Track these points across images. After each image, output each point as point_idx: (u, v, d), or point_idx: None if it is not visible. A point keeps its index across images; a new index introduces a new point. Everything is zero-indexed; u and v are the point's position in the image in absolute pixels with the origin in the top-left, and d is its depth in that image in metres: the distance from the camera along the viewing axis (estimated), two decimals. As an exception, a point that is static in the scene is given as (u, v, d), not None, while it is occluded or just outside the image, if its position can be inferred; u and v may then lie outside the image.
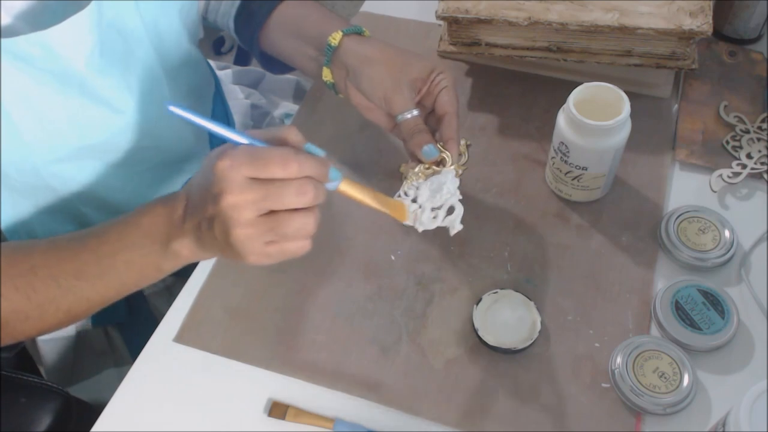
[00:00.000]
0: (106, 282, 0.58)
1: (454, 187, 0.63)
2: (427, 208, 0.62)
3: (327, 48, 0.70)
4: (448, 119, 0.66)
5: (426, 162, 0.65)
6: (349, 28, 0.70)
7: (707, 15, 0.75)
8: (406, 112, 0.65)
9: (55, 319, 0.59)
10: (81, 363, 0.86)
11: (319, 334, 0.69)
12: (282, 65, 0.82)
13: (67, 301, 0.58)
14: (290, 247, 0.52)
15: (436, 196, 0.63)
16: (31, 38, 0.57)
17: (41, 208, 0.72)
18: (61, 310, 0.58)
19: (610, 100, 0.69)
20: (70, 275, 0.57)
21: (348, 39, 0.69)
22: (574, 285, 0.70)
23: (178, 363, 0.68)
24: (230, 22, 0.82)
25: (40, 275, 0.57)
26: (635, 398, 0.61)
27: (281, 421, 0.64)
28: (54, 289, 0.57)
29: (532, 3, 0.78)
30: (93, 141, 0.69)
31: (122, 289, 0.59)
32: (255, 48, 0.80)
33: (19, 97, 0.61)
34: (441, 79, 0.67)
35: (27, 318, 0.58)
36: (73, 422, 0.74)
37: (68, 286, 0.57)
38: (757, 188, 0.77)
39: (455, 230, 0.63)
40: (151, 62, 0.71)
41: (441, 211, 0.63)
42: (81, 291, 0.58)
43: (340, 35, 0.69)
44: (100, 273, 0.57)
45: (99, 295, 0.59)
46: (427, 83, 0.67)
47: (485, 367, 0.66)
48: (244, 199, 0.49)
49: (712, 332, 0.65)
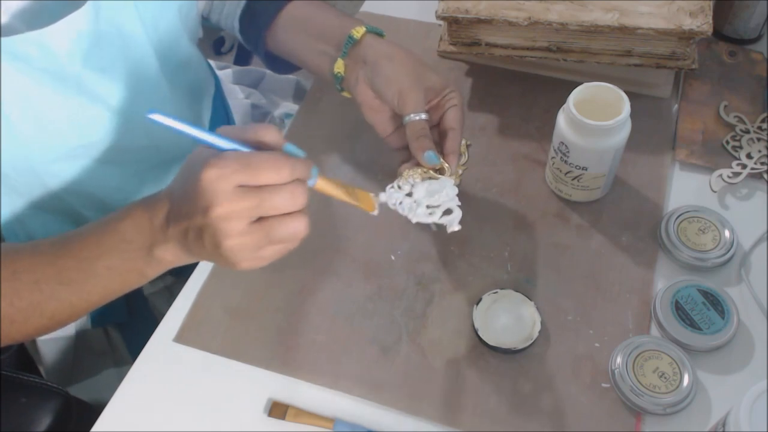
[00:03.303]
0: (88, 287, 0.56)
1: (453, 194, 0.64)
2: (423, 203, 0.63)
3: (348, 40, 0.69)
4: (453, 135, 0.66)
5: (426, 166, 0.65)
6: (372, 27, 0.70)
7: (707, 15, 0.75)
8: (417, 113, 0.65)
9: (39, 323, 0.58)
10: (81, 363, 0.86)
11: (319, 334, 0.69)
12: (287, 65, 0.82)
13: (51, 306, 0.57)
14: (282, 249, 0.52)
15: (434, 196, 0.63)
16: (27, 37, 0.57)
17: (39, 208, 0.72)
18: (45, 315, 0.57)
19: (610, 100, 0.69)
20: (53, 280, 0.56)
21: (370, 36, 0.70)
22: (574, 285, 0.70)
23: (178, 363, 0.68)
24: (235, 23, 0.82)
25: (24, 280, 0.56)
26: (635, 398, 0.61)
27: (281, 421, 0.64)
28: (37, 294, 0.56)
29: (532, 3, 0.78)
30: (91, 140, 0.69)
31: (106, 294, 0.58)
32: (260, 48, 0.80)
33: (17, 97, 0.61)
34: (452, 96, 0.67)
35: (12, 322, 0.56)
36: (73, 422, 0.74)
37: (51, 291, 0.56)
38: (757, 188, 0.77)
39: (452, 229, 0.63)
40: (150, 62, 0.70)
41: (438, 209, 0.63)
42: (64, 296, 0.56)
43: (363, 30, 0.69)
44: (82, 278, 0.56)
45: (82, 301, 0.57)
46: (439, 96, 0.67)
47: (485, 367, 0.66)
48: (235, 209, 0.48)
49: (712, 332, 0.65)
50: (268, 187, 0.48)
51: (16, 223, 0.72)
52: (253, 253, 0.50)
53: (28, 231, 0.74)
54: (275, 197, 0.48)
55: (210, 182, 0.47)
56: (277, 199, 0.48)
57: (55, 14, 0.59)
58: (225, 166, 0.47)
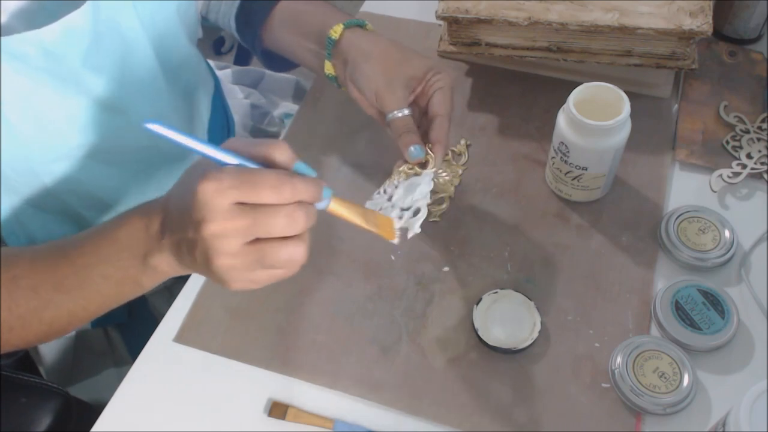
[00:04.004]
0: (85, 295, 0.55)
1: (426, 190, 0.62)
2: (397, 207, 0.61)
3: (328, 41, 0.69)
4: (439, 122, 0.65)
5: (411, 162, 0.64)
6: (351, 21, 0.69)
7: (707, 15, 0.75)
8: (397, 111, 0.64)
9: (39, 330, 0.57)
10: (81, 363, 0.86)
11: (319, 334, 0.69)
12: (284, 63, 0.82)
13: (49, 313, 0.56)
14: (277, 274, 0.48)
15: (408, 197, 0.62)
16: (26, 37, 0.57)
17: (38, 208, 0.72)
18: (43, 322, 0.56)
19: (610, 100, 0.69)
20: (50, 287, 0.55)
21: (350, 32, 0.69)
22: (574, 285, 0.70)
23: (178, 363, 0.68)
24: (231, 22, 0.82)
25: (22, 286, 0.55)
26: (635, 398, 0.61)
27: (281, 421, 0.64)
28: (35, 301, 0.55)
29: (532, 3, 0.78)
30: (90, 140, 0.69)
31: (103, 303, 0.56)
32: (257, 46, 0.80)
33: (17, 97, 0.60)
34: (437, 80, 0.65)
35: (11, 329, 0.56)
36: (73, 422, 0.74)
37: (48, 298, 0.55)
38: (757, 188, 0.77)
39: (413, 232, 0.60)
40: (150, 62, 0.70)
41: (408, 212, 0.61)
42: (61, 303, 0.55)
43: (341, 28, 0.69)
44: (79, 285, 0.55)
45: (80, 309, 0.56)
46: (422, 83, 0.66)
47: (485, 367, 0.66)
48: (229, 228, 0.45)
49: (712, 332, 0.65)
50: (266, 207, 0.45)
51: (15, 224, 0.72)
52: (244, 275, 0.48)
53: (28, 231, 0.73)
54: (271, 219, 0.45)
55: (205, 196, 0.44)
56: (273, 220, 0.45)
57: (53, 14, 0.59)
58: (222, 180, 0.44)
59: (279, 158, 0.47)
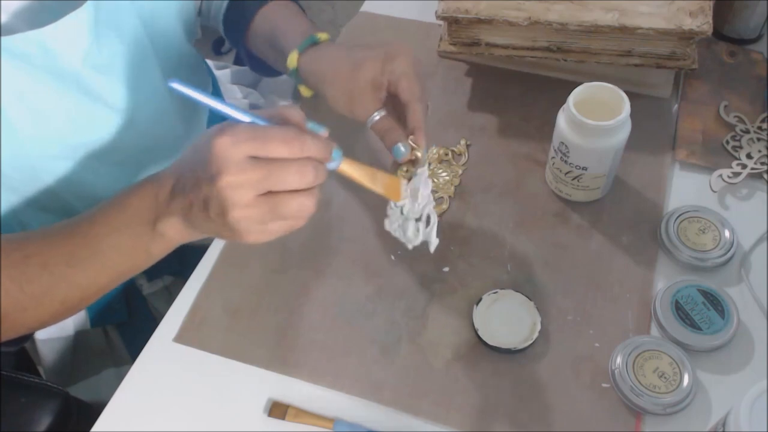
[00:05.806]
0: (97, 267, 0.57)
1: (427, 192, 0.61)
2: (411, 219, 0.62)
3: (290, 72, 0.69)
4: (412, 108, 0.62)
5: (399, 161, 0.63)
6: (304, 42, 0.68)
7: (707, 15, 0.75)
8: (371, 116, 0.64)
9: (51, 309, 0.58)
10: (80, 363, 0.86)
11: (319, 334, 0.69)
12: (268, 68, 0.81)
13: (61, 289, 0.57)
14: (288, 225, 0.51)
15: (415, 205, 0.61)
16: (27, 36, 0.57)
17: (38, 207, 0.72)
18: (56, 300, 0.58)
19: (610, 100, 0.69)
20: (62, 262, 0.56)
21: (304, 57, 0.68)
22: (574, 285, 0.70)
23: (178, 363, 0.68)
24: (219, 24, 0.82)
25: (32, 264, 0.56)
26: (635, 398, 0.61)
27: (281, 421, 0.64)
28: (47, 278, 0.56)
29: (532, 3, 0.78)
30: (90, 139, 0.69)
31: (115, 274, 0.58)
32: (242, 50, 0.80)
33: (16, 95, 0.61)
34: (395, 67, 0.62)
35: (24, 309, 0.57)
36: (73, 422, 0.74)
37: (60, 274, 0.56)
38: (757, 188, 0.77)
39: (433, 246, 0.61)
40: (150, 61, 0.71)
41: (421, 222, 0.62)
42: (73, 278, 0.57)
43: (296, 55, 0.68)
44: (91, 258, 0.56)
45: (92, 282, 0.58)
46: (383, 76, 0.63)
47: (485, 367, 0.66)
48: (244, 179, 0.48)
49: (712, 332, 0.65)
50: (278, 160, 0.48)
51: (14, 222, 0.72)
52: (258, 226, 0.50)
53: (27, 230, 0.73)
54: (282, 171, 0.48)
55: (221, 148, 0.47)
56: (284, 173, 0.48)
57: (54, 13, 0.59)
58: (237, 134, 0.48)
59: (291, 117, 0.51)
